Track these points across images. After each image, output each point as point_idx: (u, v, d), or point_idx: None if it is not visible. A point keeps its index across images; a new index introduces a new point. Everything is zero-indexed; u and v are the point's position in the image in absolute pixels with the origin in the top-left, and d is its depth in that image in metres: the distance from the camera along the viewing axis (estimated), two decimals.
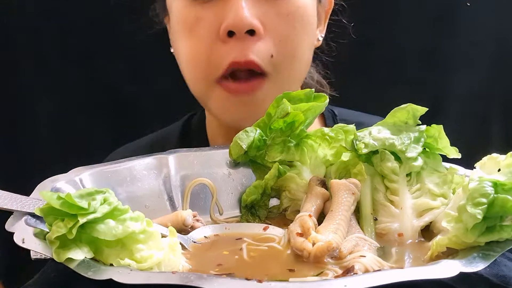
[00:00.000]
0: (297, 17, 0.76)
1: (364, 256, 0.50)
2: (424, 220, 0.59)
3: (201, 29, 0.75)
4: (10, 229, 0.51)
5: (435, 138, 0.63)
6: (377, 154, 0.63)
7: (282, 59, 0.76)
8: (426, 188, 0.61)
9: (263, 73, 0.75)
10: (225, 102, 0.77)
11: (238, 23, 0.72)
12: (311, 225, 0.55)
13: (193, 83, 0.81)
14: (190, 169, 0.70)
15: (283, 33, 0.75)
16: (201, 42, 0.76)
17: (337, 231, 0.54)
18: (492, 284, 0.54)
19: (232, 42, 0.73)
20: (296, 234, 0.55)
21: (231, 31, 0.73)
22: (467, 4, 1.31)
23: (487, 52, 1.34)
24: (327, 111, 0.97)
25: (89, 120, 1.27)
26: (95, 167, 0.67)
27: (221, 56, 0.74)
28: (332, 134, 0.67)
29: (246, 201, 0.68)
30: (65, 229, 0.46)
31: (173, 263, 0.50)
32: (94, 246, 0.48)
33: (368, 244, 0.55)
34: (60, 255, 0.46)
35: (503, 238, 0.48)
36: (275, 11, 0.75)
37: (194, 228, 0.62)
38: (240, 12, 0.71)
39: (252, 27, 0.72)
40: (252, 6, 0.73)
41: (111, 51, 1.26)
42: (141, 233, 0.49)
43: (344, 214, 0.57)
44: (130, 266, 0.46)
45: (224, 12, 0.73)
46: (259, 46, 0.74)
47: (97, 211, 0.47)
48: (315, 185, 0.63)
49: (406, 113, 0.64)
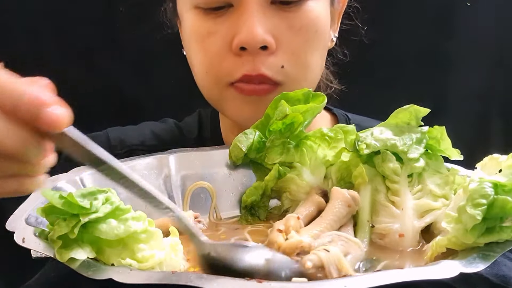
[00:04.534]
0: (310, 30, 0.75)
1: (328, 251, 0.49)
2: (425, 221, 0.59)
3: (213, 42, 0.75)
4: (10, 229, 0.51)
5: (437, 139, 0.63)
6: (379, 155, 0.63)
7: (293, 70, 0.76)
8: (428, 189, 0.61)
9: (276, 83, 0.75)
10: (239, 102, 0.77)
11: (250, 40, 0.71)
12: (293, 225, 0.55)
13: (206, 89, 0.81)
14: (190, 169, 0.70)
15: (296, 47, 0.75)
16: (213, 55, 0.76)
17: (316, 238, 0.54)
18: (492, 283, 0.54)
19: (245, 55, 0.73)
20: (277, 230, 0.55)
21: (244, 46, 0.73)
22: (467, 4, 1.31)
23: (487, 52, 1.34)
24: (341, 116, 0.97)
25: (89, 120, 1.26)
26: None
27: (233, 68, 0.75)
28: (331, 134, 0.67)
29: (246, 202, 0.68)
30: (67, 229, 0.46)
31: (174, 263, 0.50)
32: (96, 246, 0.48)
33: (343, 241, 0.54)
34: (62, 255, 0.46)
35: (503, 239, 0.48)
36: (288, 24, 0.74)
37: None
38: (253, 28, 0.71)
39: (265, 44, 0.72)
40: (265, 20, 0.72)
41: (111, 51, 1.26)
42: (143, 233, 0.49)
43: (331, 223, 0.57)
44: (131, 266, 0.47)
45: (237, 26, 0.72)
46: (271, 60, 0.74)
47: (99, 211, 0.47)
48: (315, 193, 0.63)
49: (409, 114, 0.64)
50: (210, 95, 0.82)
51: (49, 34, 1.25)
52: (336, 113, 0.97)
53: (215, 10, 0.74)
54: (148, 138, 0.93)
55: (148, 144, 0.91)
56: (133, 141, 0.91)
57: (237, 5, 0.73)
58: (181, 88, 0.86)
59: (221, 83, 0.77)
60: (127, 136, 0.92)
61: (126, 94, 1.31)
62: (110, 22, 1.22)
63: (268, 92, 0.75)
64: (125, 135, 0.93)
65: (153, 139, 0.93)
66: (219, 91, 0.78)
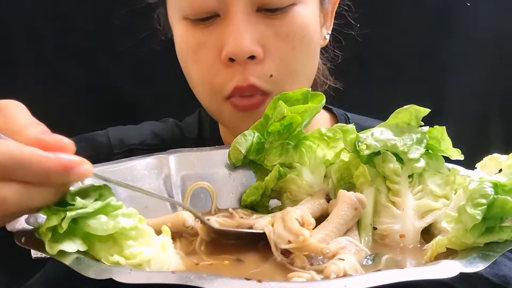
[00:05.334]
0: (297, 36, 0.75)
1: (343, 260, 0.49)
2: (425, 221, 0.59)
3: (204, 54, 0.76)
4: (10, 229, 0.51)
5: (438, 139, 0.63)
6: (379, 155, 0.63)
7: (282, 77, 0.76)
8: (428, 189, 0.61)
9: (265, 92, 0.76)
10: (234, 118, 0.79)
11: (237, 52, 0.72)
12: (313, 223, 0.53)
13: (205, 101, 0.83)
14: (190, 169, 0.70)
15: (283, 54, 0.75)
16: (205, 67, 0.77)
17: (323, 242, 0.54)
18: (492, 283, 0.54)
19: (235, 66, 0.74)
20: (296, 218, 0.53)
21: (232, 58, 0.73)
22: (467, 4, 1.31)
23: (487, 52, 1.34)
24: (340, 116, 0.97)
25: (88, 120, 1.27)
26: (96, 167, 0.67)
27: (225, 80, 0.76)
28: (330, 134, 0.67)
29: (245, 201, 0.68)
30: (56, 221, 0.47)
31: (163, 261, 0.50)
32: (88, 241, 0.48)
33: (356, 249, 0.54)
34: (52, 248, 0.46)
35: (503, 239, 0.48)
36: (274, 31, 0.74)
37: (195, 230, 0.62)
38: (239, 39, 0.71)
39: (252, 54, 0.73)
40: (251, 29, 0.72)
41: (111, 51, 1.26)
42: (132, 230, 0.49)
43: (337, 226, 0.56)
44: (118, 263, 0.47)
45: (224, 37, 0.73)
46: (260, 69, 0.75)
47: (88, 207, 0.47)
48: (321, 196, 0.63)
49: (409, 114, 0.64)
50: (209, 108, 0.84)
51: (49, 34, 1.25)
52: (335, 113, 0.97)
53: (203, 20, 0.75)
54: (148, 137, 0.93)
55: (148, 143, 0.92)
56: (133, 141, 0.92)
57: (223, 15, 0.73)
58: (181, 88, 0.86)
59: (217, 98, 0.78)
60: (127, 135, 0.93)
61: (126, 94, 1.31)
62: (110, 22, 1.21)
63: (260, 105, 0.76)
64: (125, 135, 0.93)
65: (154, 139, 0.93)
66: (217, 106, 0.80)
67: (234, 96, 0.76)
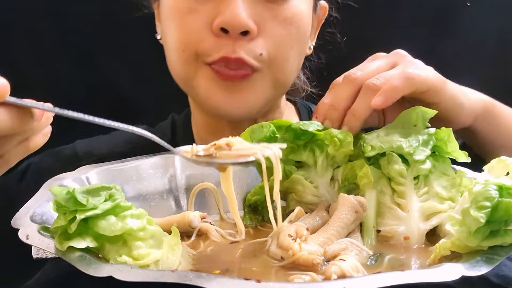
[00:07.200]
0: (293, 23, 0.76)
1: (344, 260, 0.50)
2: (430, 224, 0.59)
3: (194, 20, 0.75)
4: (15, 226, 0.52)
5: (444, 141, 0.63)
6: (384, 157, 0.63)
7: (271, 59, 0.76)
8: (434, 191, 0.61)
9: (253, 68, 0.75)
10: (212, 84, 0.76)
11: (233, 23, 0.71)
12: (305, 234, 0.55)
13: (179, 67, 0.79)
14: (195, 168, 0.70)
15: (277, 36, 0.75)
16: (191, 32, 0.75)
17: (323, 245, 0.54)
18: (492, 284, 0.54)
19: (224, 38, 0.73)
20: (288, 234, 0.55)
21: (225, 28, 0.72)
22: (467, 4, 1.31)
23: (487, 52, 1.34)
24: (302, 107, 0.98)
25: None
26: (102, 166, 0.67)
27: (212, 48, 0.74)
28: (341, 136, 0.64)
29: (250, 200, 0.68)
30: (64, 221, 0.47)
31: (171, 262, 0.51)
32: (99, 241, 0.49)
33: (357, 250, 0.54)
34: (62, 244, 0.47)
35: (507, 242, 0.48)
36: (272, 14, 0.74)
37: (202, 230, 0.62)
38: (237, 11, 0.71)
39: (247, 28, 0.72)
40: (250, 6, 0.72)
41: (111, 51, 1.25)
42: (140, 231, 0.49)
43: (338, 230, 0.57)
44: (126, 263, 0.47)
45: (221, 7, 0.72)
46: (251, 45, 0.74)
47: (98, 208, 0.48)
48: (323, 210, 0.63)
49: (415, 116, 0.64)
50: (183, 73, 0.80)
51: (49, 34, 1.24)
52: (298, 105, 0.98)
53: None
54: (118, 145, 0.93)
55: (118, 151, 0.91)
56: (101, 151, 0.92)
57: None
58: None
59: (198, 61, 0.76)
60: (94, 147, 0.94)
61: (125, 94, 1.30)
62: (110, 22, 1.21)
63: (244, 78, 0.75)
64: (91, 147, 0.94)
65: (125, 146, 0.93)
66: (194, 69, 0.77)
67: (219, 64, 0.74)
